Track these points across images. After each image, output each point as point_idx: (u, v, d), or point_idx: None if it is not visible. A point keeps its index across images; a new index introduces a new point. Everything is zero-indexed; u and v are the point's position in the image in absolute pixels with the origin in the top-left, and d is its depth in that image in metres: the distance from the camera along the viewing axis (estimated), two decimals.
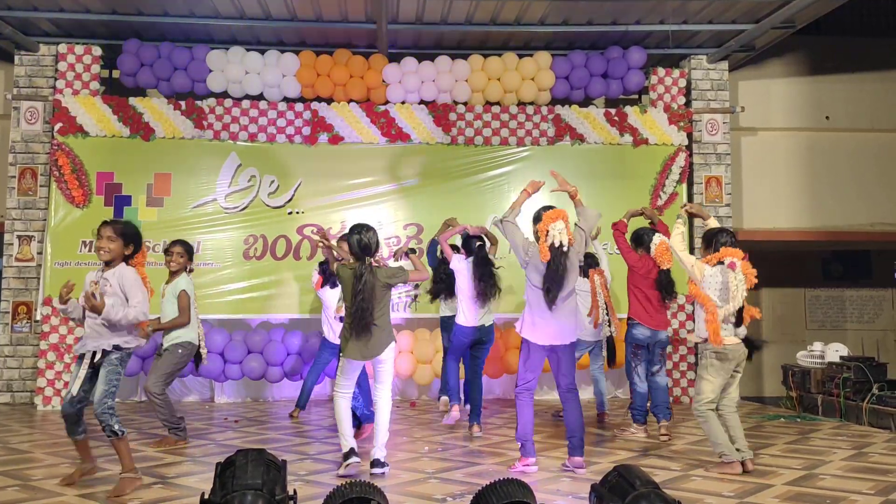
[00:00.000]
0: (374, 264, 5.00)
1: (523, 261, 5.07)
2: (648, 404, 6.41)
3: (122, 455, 4.38)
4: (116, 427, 4.33)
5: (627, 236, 6.52)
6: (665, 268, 6.31)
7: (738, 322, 5.00)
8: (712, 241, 5.15)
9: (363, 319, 4.83)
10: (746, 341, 5.10)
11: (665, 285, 6.30)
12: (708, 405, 5.00)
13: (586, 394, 8.86)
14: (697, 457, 5.42)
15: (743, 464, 4.95)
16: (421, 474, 4.84)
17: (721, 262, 5.00)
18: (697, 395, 5.05)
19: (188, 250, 6.14)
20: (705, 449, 5.67)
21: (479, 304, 6.26)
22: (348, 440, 4.93)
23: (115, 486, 4.33)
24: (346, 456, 4.86)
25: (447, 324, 6.85)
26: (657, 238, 6.38)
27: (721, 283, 4.96)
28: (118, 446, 4.37)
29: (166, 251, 6.16)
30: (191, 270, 6.19)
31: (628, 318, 6.42)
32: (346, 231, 6.33)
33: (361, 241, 4.96)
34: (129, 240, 4.65)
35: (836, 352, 8.17)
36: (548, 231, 4.99)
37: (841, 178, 9.90)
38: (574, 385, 5.09)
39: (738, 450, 4.99)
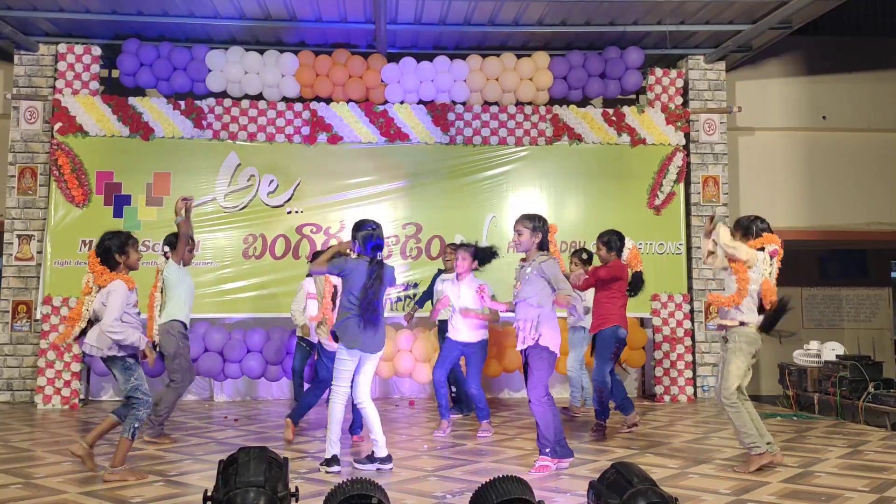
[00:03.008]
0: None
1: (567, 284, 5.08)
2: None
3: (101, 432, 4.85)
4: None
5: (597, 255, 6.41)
6: (638, 270, 6.30)
7: (762, 308, 5.00)
8: (751, 228, 5.11)
9: (375, 311, 4.90)
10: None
11: (637, 285, 6.27)
12: (737, 392, 4.92)
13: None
14: (695, 454, 5.46)
15: (773, 457, 4.92)
16: (420, 472, 4.87)
17: (762, 248, 5.01)
18: (725, 382, 4.92)
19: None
20: (702, 447, 5.72)
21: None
22: (335, 445, 4.87)
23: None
24: (330, 462, 4.83)
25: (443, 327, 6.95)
26: (629, 242, 6.35)
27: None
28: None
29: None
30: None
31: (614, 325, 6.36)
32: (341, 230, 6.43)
33: (374, 236, 4.99)
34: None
35: (832, 350, 8.20)
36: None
37: (838, 177, 9.95)
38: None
39: (767, 443, 4.94)
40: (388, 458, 4.92)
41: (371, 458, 4.92)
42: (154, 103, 8.65)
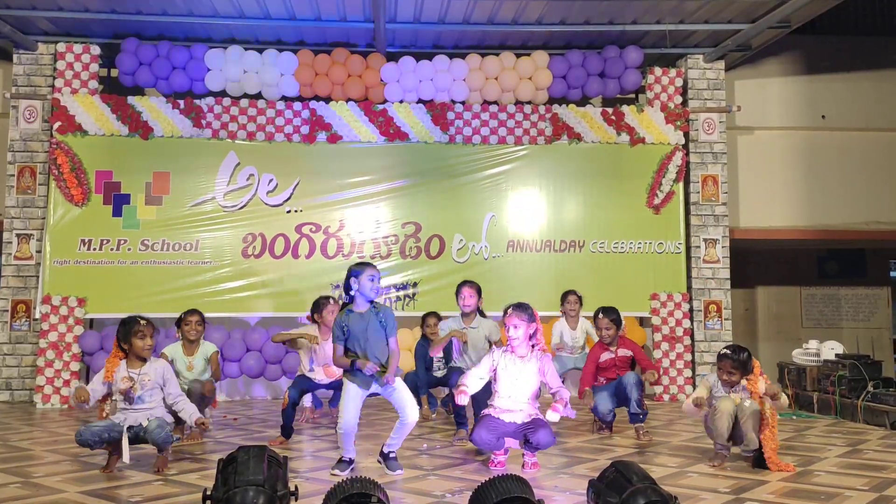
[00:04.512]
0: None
1: None
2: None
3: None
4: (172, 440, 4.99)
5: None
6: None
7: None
8: (750, 363, 5.05)
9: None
10: None
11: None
12: None
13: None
14: (694, 453, 5.47)
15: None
16: (419, 471, 4.87)
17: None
18: None
19: (204, 318, 6.20)
20: (702, 446, 5.72)
21: None
22: (351, 450, 4.81)
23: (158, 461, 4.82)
24: (341, 464, 4.77)
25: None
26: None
27: None
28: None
29: (182, 321, 6.09)
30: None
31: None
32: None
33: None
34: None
35: (831, 350, 8.21)
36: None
37: (837, 176, 9.95)
38: None
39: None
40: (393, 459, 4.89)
41: (385, 457, 4.88)
42: (153, 102, 8.65)
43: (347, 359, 4.72)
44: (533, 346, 5.01)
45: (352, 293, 4.77)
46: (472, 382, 4.98)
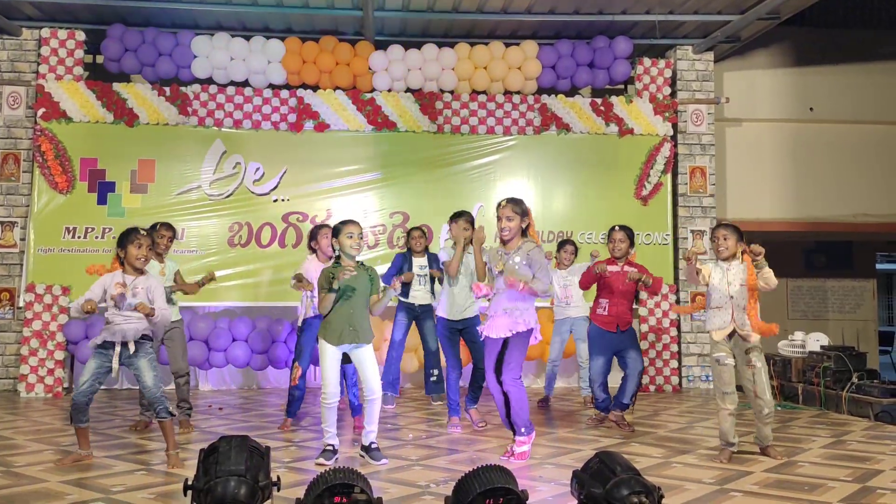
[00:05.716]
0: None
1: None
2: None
3: (169, 435, 4.71)
4: (170, 408, 4.76)
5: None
6: None
7: None
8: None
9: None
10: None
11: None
12: None
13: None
14: (679, 444, 5.48)
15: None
16: (404, 461, 4.86)
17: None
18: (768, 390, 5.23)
19: (175, 234, 6.21)
20: (687, 436, 5.74)
21: None
22: (333, 437, 4.87)
23: (171, 459, 4.67)
24: (326, 454, 4.82)
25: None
26: None
27: None
28: (167, 427, 4.71)
29: (155, 232, 5.96)
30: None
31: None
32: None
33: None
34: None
35: (816, 341, 8.25)
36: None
37: (824, 169, 9.98)
38: None
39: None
40: (375, 449, 4.88)
41: (367, 448, 4.88)
42: (139, 89, 8.57)
43: (328, 300, 4.80)
44: (524, 234, 5.04)
45: (336, 252, 4.95)
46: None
